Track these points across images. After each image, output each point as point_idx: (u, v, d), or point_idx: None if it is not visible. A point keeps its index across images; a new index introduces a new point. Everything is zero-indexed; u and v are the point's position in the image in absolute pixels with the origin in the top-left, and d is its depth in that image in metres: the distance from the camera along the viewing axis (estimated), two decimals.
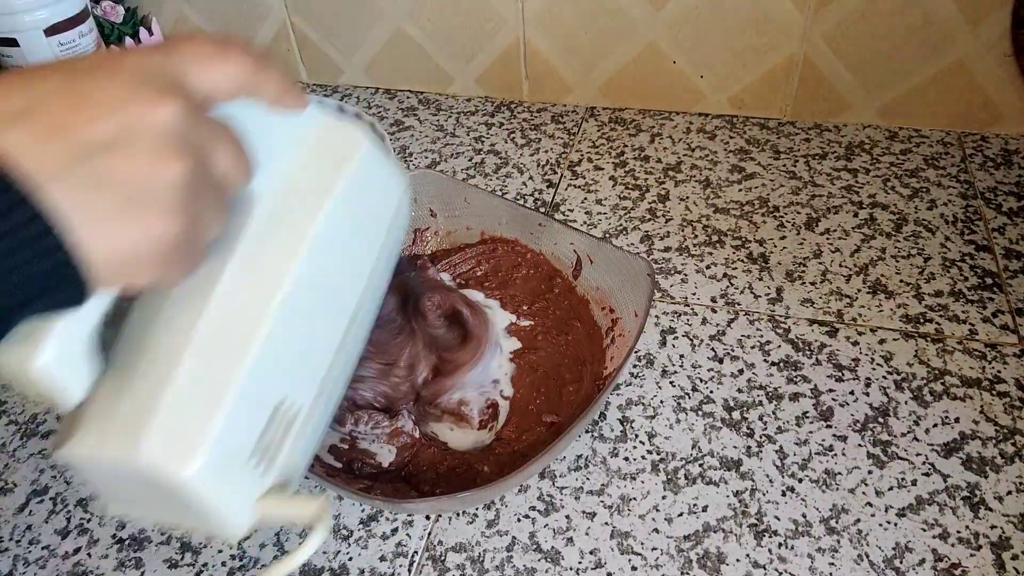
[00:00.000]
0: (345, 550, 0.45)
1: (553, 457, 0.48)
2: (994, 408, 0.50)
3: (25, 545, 0.48)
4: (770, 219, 0.66)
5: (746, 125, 0.78)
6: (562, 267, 0.57)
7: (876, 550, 0.43)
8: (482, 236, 0.59)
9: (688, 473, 0.48)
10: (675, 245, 0.65)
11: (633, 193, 0.71)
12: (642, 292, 0.49)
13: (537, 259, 0.58)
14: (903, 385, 0.52)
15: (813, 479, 0.47)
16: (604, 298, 0.54)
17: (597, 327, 0.53)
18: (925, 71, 0.72)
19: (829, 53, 0.73)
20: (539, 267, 0.57)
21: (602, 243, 0.53)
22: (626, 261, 0.51)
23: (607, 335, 0.52)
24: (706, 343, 0.56)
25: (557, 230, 0.56)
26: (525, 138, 0.79)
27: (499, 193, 0.72)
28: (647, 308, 0.47)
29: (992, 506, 0.45)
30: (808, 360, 0.54)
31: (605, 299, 0.53)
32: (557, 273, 0.57)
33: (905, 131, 0.75)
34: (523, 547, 0.45)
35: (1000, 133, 0.74)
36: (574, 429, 0.42)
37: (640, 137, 0.78)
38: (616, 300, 0.53)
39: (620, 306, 0.52)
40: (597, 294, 0.54)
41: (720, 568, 0.43)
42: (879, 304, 0.58)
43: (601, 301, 0.54)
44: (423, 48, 0.85)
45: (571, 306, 0.55)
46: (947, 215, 0.65)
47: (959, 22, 0.68)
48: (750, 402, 0.52)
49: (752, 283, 0.61)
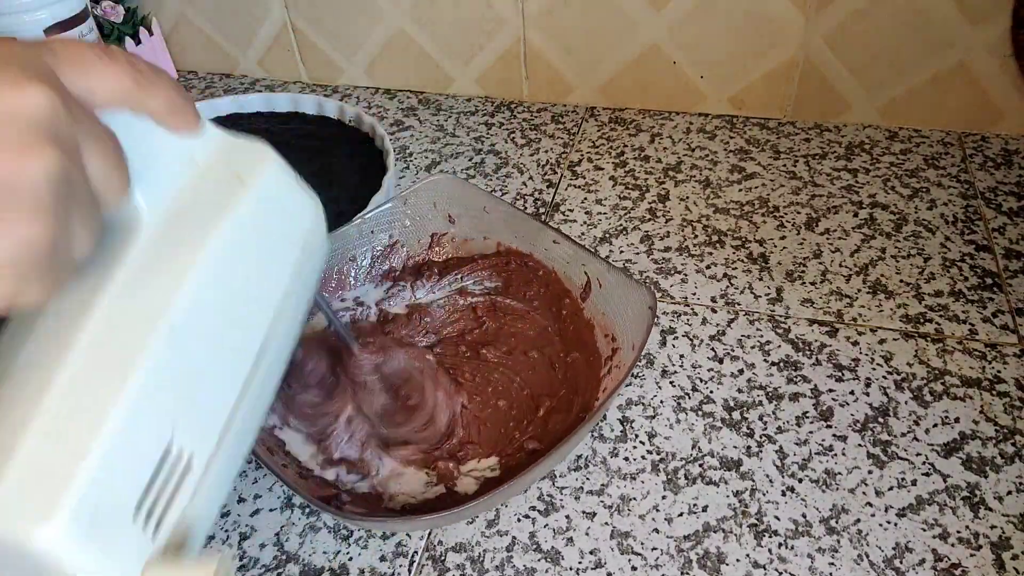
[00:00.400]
0: (345, 550, 0.45)
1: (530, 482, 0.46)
2: (994, 408, 0.50)
3: None
4: (770, 219, 0.66)
5: (746, 125, 0.78)
6: (572, 287, 0.54)
7: (876, 550, 0.43)
8: (498, 248, 0.57)
9: (688, 473, 0.48)
10: (675, 245, 0.65)
11: (633, 193, 0.71)
12: (641, 323, 0.46)
13: (549, 277, 0.55)
14: (903, 385, 0.52)
15: (813, 479, 0.47)
16: (609, 324, 0.51)
17: (598, 355, 0.51)
18: (925, 71, 0.72)
19: (829, 53, 0.73)
20: (550, 286, 0.55)
21: (612, 269, 0.50)
22: (631, 289, 0.48)
23: (605, 364, 0.50)
24: (706, 343, 0.56)
25: (569, 249, 0.53)
26: (525, 138, 0.79)
27: (520, 208, 0.72)
28: (644, 341, 0.45)
29: (992, 506, 0.45)
30: (808, 360, 0.54)
31: (610, 326, 0.51)
32: (567, 294, 0.54)
33: (905, 131, 0.75)
34: (523, 547, 0.45)
35: (1000, 133, 0.74)
36: (551, 458, 0.41)
37: (640, 137, 0.78)
38: (618, 328, 0.50)
39: (621, 335, 0.49)
40: (603, 319, 0.52)
41: (720, 568, 0.43)
42: (879, 304, 0.58)
43: (605, 328, 0.51)
44: (423, 48, 0.85)
45: (576, 331, 0.53)
46: (947, 215, 0.65)
47: (959, 22, 0.68)
48: (750, 402, 0.52)
49: (752, 283, 0.61)
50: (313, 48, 0.89)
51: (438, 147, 0.79)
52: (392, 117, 0.85)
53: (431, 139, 0.81)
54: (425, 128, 0.82)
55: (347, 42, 0.87)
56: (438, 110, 0.85)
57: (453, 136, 0.81)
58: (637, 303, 0.47)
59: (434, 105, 0.86)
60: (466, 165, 0.76)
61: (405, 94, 0.89)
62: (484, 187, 0.73)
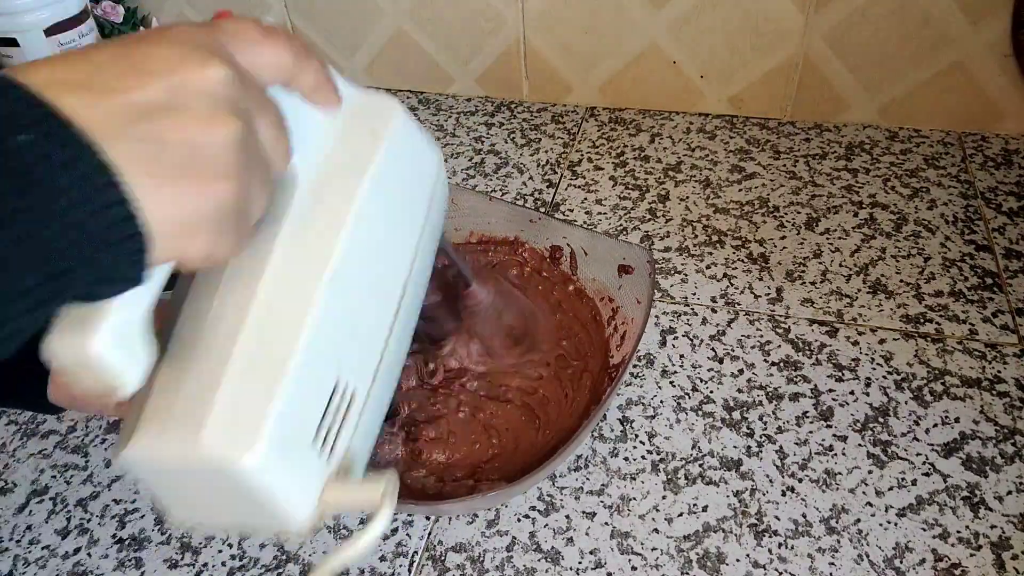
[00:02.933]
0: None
1: (561, 462, 0.48)
2: (994, 408, 0.50)
3: (25, 545, 0.48)
4: (770, 219, 0.66)
5: (746, 125, 0.78)
6: (562, 259, 0.57)
7: (876, 550, 0.43)
8: (470, 237, 0.59)
9: (688, 473, 0.48)
10: (675, 245, 0.65)
11: (633, 193, 0.71)
12: (643, 282, 0.49)
13: (534, 255, 0.58)
14: (903, 385, 0.52)
15: (813, 479, 0.47)
16: (602, 290, 0.54)
17: (600, 316, 0.54)
18: (925, 71, 0.72)
19: (829, 53, 0.73)
20: (532, 263, 0.58)
21: (597, 235, 0.54)
22: (624, 251, 0.52)
23: (609, 324, 0.53)
24: (706, 343, 0.56)
25: (553, 225, 0.56)
26: (525, 138, 0.79)
27: (497, 194, 0.72)
28: (650, 295, 0.48)
29: (992, 506, 0.45)
30: (808, 360, 0.54)
31: (603, 291, 0.54)
32: (555, 267, 0.57)
33: (905, 131, 0.75)
34: (523, 547, 0.45)
35: (1000, 133, 0.74)
36: (553, 461, 0.42)
37: (640, 137, 0.78)
38: (613, 291, 0.53)
39: (620, 297, 0.53)
40: (594, 284, 0.55)
41: (720, 568, 0.43)
42: (879, 304, 0.58)
43: (599, 292, 0.55)
44: (423, 48, 0.85)
45: (569, 300, 0.56)
46: (947, 215, 0.65)
47: (959, 22, 0.68)
48: (750, 402, 0.52)
49: (752, 283, 0.61)
50: (313, 47, 0.89)
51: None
52: None
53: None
54: (425, 128, 0.82)
55: (347, 41, 0.87)
56: (438, 110, 0.85)
57: (453, 136, 0.81)
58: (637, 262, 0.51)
59: (434, 105, 0.86)
60: (466, 165, 0.76)
61: (405, 94, 0.89)
62: (484, 187, 0.73)
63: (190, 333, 0.30)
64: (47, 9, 0.72)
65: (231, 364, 0.29)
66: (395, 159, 0.35)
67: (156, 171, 0.24)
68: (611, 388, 0.44)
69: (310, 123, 0.32)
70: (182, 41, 0.26)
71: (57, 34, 0.74)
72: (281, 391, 0.29)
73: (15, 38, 0.73)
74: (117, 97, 0.23)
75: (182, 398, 0.29)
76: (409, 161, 0.37)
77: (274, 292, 0.30)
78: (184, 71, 0.25)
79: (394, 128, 0.35)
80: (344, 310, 0.32)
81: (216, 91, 0.25)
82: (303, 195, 0.32)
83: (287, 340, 0.30)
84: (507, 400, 0.50)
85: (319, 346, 0.30)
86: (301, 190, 0.32)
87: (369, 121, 0.35)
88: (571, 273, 0.56)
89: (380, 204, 0.34)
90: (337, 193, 0.33)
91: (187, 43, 0.26)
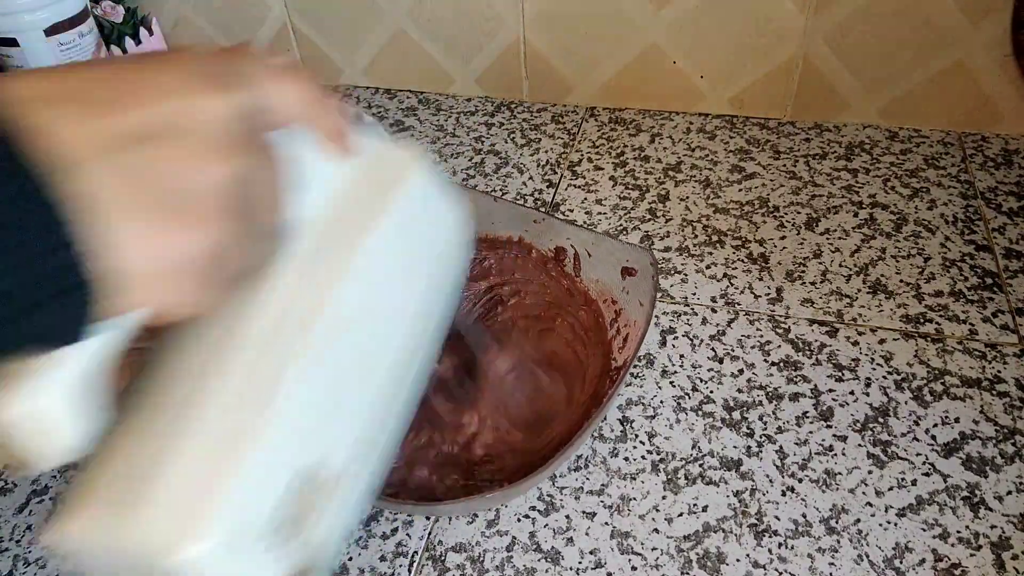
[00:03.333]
0: (345, 550, 0.45)
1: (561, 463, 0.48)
2: (994, 408, 0.50)
3: (25, 545, 0.48)
4: (770, 219, 0.66)
5: (746, 125, 0.78)
6: (565, 261, 0.57)
7: (876, 550, 0.43)
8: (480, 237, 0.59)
9: (688, 473, 0.48)
10: (675, 245, 0.65)
11: (633, 193, 0.71)
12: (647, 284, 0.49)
13: (541, 256, 0.58)
14: (903, 385, 0.52)
15: (813, 479, 0.47)
16: (606, 292, 0.54)
17: (603, 317, 0.54)
18: (925, 71, 0.72)
19: (829, 53, 0.73)
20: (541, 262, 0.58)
21: (598, 236, 0.53)
22: (628, 252, 0.51)
23: (611, 327, 0.53)
24: (706, 343, 0.56)
25: (555, 226, 0.56)
26: (525, 138, 0.79)
27: (497, 194, 0.72)
28: (653, 296, 0.48)
29: (992, 506, 0.45)
30: (808, 360, 0.54)
31: (607, 293, 0.54)
32: (558, 268, 0.57)
33: (905, 131, 0.75)
34: (523, 547, 0.45)
35: (1000, 133, 0.74)
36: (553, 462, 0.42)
37: (640, 137, 0.78)
38: (616, 293, 0.53)
39: (623, 300, 0.52)
40: (597, 286, 0.55)
41: (720, 568, 0.43)
42: (879, 304, 0.58)
43: (603, 294, 0.54)
44: (423, 48, 0.85)
45: (571, 295, 0.56)
46: (947, 215, 0.65)
47: (959, 22, 0.68)
48: (750, 402, 0.52)
49: (752, 283, 0.61)
50: (313, 48, 0.89)
51: (438, 147, 0.79)
52: (392, 117, 0.85)
53: (431, 139, 0.81)
54: (425, 128, 0.82)
55: (347, 42, 0.87)
56: (438, 110, 0.85)
57: (453, 136, 0.81)
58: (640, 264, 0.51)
59: (434, 105, 0.86)
60: (466, 165, 0.76)
61: (405, 94, 0.89)
62: (484, 187, 0.73)
63: (149, 396, 0.27)
64: (47, 9, 0.73)
65: (188, 436, 0.25)
66: (403, 221, 0.32)
67: (129, 204, 0.21)
68: (612, 390, 0.44)
69: (318, 173, 0.29)
70: (190, 67, 0.24)
71: (57, 34, 0.74)
72: (241, 474, 0.25)
73: (15, 38, 0.73)
74: (105, 117, 0.21)
75: (124, 472, 0.25)
76: (422, 222, 0.33)
77: (247, 359, 0.27)
78: (184, 99, 0.23)
79: (409, 186, 0.32)
80: (327, 385, 0.28)
81: (215, 126, 0.23)
82: (298, 250, 0.29)
83: (253, 415, 0.26)
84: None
85: (293, 424, 0.27)
86: (297, 244, 0.29)
87: (385, 174, 0.32)
88: (575, 274, 0.56)
89: (380, 268, 0.31)
90: (333, 253, 0.29)
91: (195, 71, 0.24)
